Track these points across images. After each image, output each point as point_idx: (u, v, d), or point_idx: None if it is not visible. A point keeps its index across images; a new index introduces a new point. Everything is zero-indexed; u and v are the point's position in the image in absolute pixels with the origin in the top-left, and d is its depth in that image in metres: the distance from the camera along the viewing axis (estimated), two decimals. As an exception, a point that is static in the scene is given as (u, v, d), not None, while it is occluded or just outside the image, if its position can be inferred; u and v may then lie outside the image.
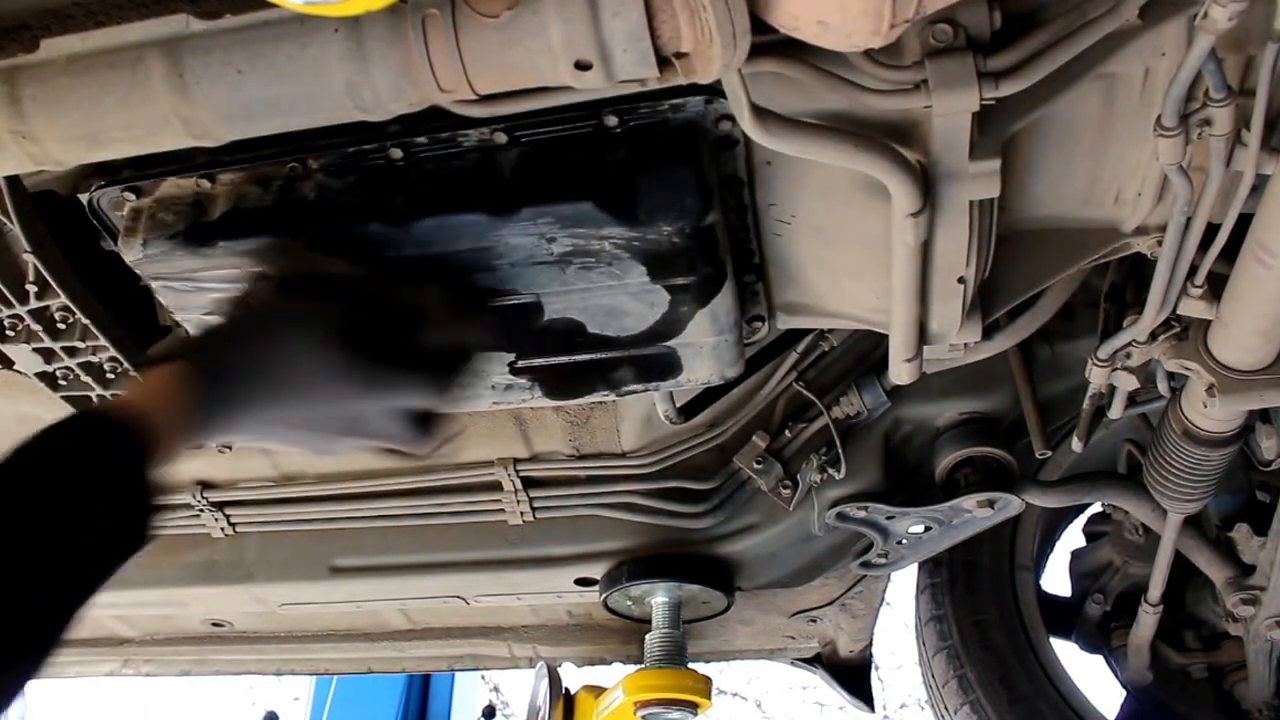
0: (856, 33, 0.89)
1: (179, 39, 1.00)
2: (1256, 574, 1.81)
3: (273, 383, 1.07)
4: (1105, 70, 1.10)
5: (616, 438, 1.88)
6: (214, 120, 1.03)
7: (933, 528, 1.85)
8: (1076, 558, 2.31)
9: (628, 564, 1.98)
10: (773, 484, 1.86)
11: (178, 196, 1.25)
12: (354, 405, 1.11)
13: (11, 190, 1.28)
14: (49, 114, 1.03)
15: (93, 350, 1.47)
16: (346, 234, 1.18)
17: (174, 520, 2.00)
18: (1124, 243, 1.32)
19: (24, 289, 1.38)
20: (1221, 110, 1.05)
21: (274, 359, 1.08)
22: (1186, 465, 1.57)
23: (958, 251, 1.20)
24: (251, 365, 1.07)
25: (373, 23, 0.95)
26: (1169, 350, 1.41)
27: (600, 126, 1.17)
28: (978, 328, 1.35)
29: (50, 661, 0.90)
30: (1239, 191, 1.14)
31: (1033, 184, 1.27)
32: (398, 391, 1.13)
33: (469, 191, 1.18)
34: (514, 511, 1.97)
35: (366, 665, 2.53)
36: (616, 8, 0.89)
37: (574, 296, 1.26)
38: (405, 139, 1.20)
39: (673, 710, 2.01)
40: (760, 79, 1.04)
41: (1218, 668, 2.17)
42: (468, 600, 2.17)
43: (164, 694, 5.17)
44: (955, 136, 1.07)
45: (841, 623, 2.32)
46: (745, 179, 1.25)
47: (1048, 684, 2.13)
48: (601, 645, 2.36)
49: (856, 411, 1.82)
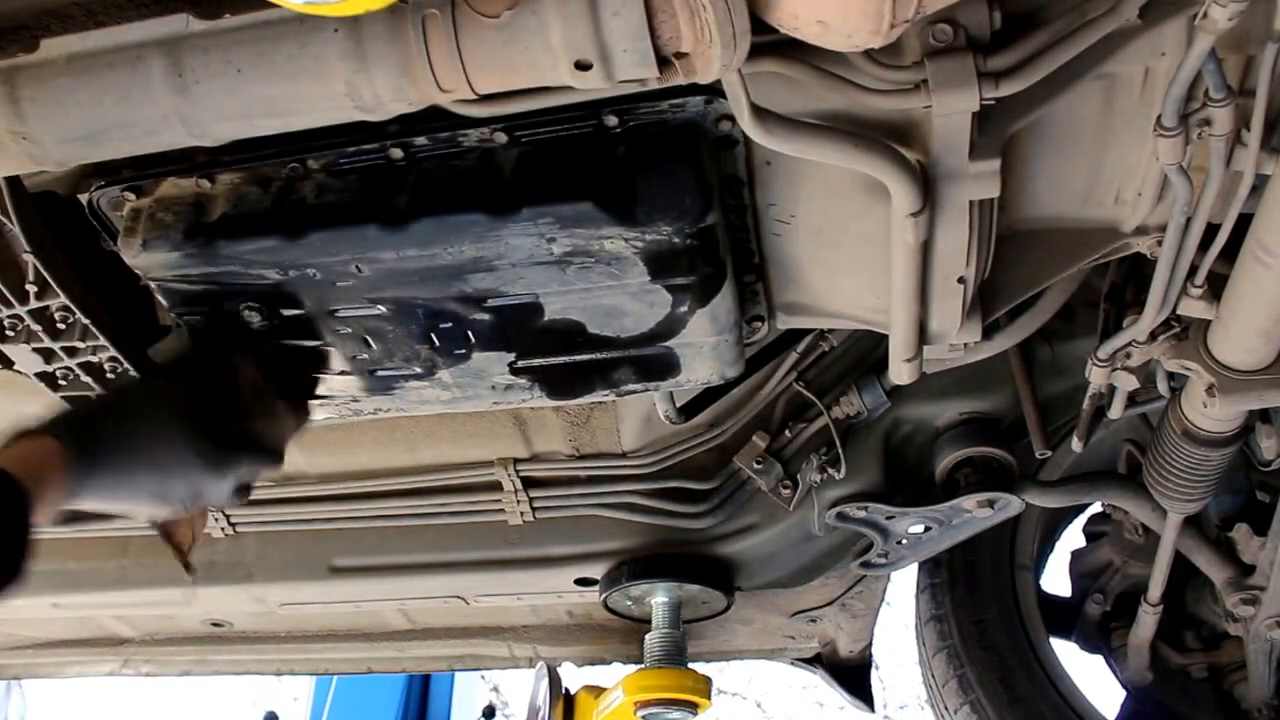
0: (857, 33, 0.89)
1: (179, 39, 1.00)
2: (1256, 574, 1.81)
3: (131, 459, 1.20)
4: (1105, 70, 1.10)
5: (616, 438, 1.88)
6: (214, 120, 1.03)
7: (933, 528, 1.85)
8: (1076, 558, 2.31)
9: (628, 564, 1.98)
10: (773, 484, 1.85)
11: (178, 196, 1.25)
12: (194, 478, 1.24)
13: (11, 190, 1.27)
14: (49, 114, 1.03)
15: (93, 350, 1.47)
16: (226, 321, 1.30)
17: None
18: (1124, 243, 1.32)
19: (24, 289, 1.38)
20: (1221, 110, 1.05)
21: (134, 437, 1.21)
22: (1186, 465, 1.57)
23: (958, 251, 1.20)
24: (114, 444, 1.19)
25: (373, 23, 0.95)
26: (1169, 350, 1.41)
27: (600, 126, 1.17)
28: (978, 328, 1.35)
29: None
30: (1239, 191, 1.14)
31: (1033, 184, 1.27)
32: (233, 467, 1.27)
33: (469, 191, 1.18)
34: (514, 511, 1.97)
35: (366, 665, 2.53)
36: (616, 8, 0.89)
37: (574, 296, 1.26)
38: (405, 139, 1.20)
39: (673, 710, 2.01)
40: (760, 79, 1.04)
41: (1218, 668, 2.17)
42: (468, 600, 2.17)
43: (164, 694, 5.17)
44: (955, 136, 1.07)
45: (841, 623, 2.32)
46: (745, 179, 1.25)
47: (1048, 684, 2.13)
48: (601, 645, 2.36)
49: (856, 411, 1.82)
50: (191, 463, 1.23)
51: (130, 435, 1.21)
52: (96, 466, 1.17)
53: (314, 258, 1.21)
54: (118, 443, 1.20)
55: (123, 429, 1.22)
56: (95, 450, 1.17)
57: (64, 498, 1.15)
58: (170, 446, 1.22)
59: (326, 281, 1.24)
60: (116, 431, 1.21)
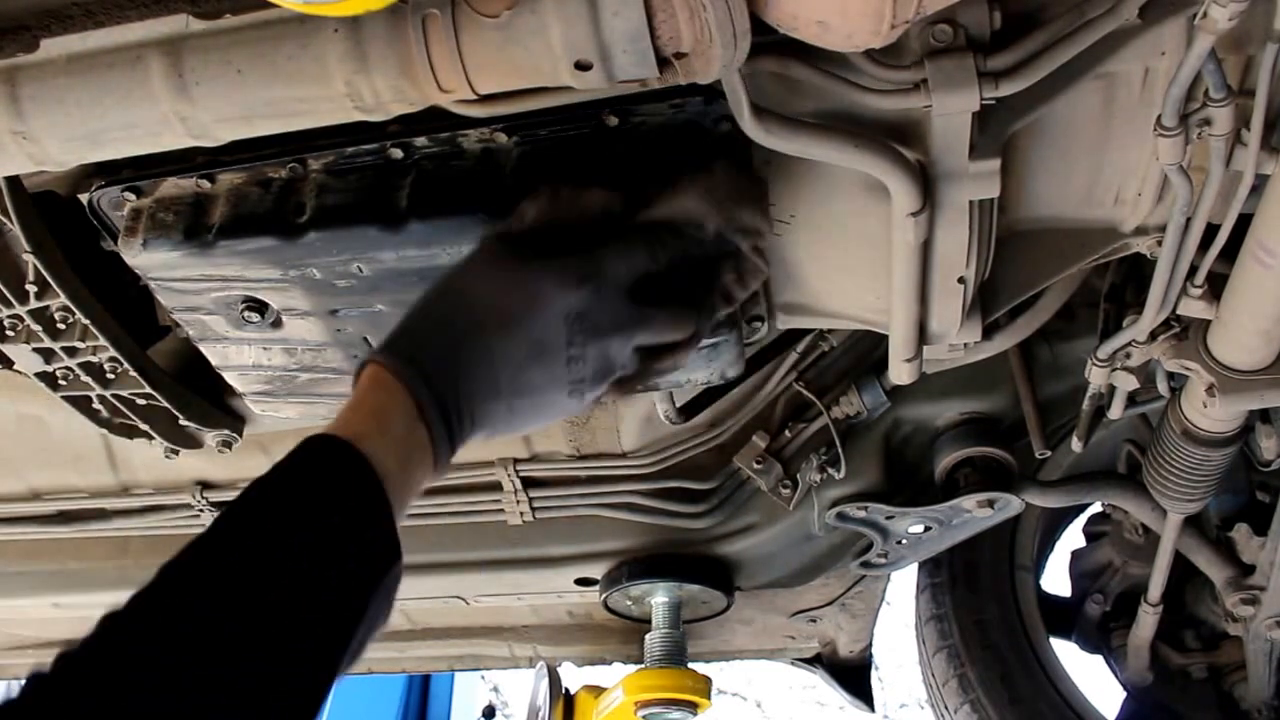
0: (857, 33, 0.89)
1: (179, 39, 1.00)
2: (1256, 574, 1.81)
3: (515, 340, 0.99)
4: (1105, 70, 1.10)
5: (616, 438, 1.88)
6: (214, 120, 1.03)
7: (933, 528, 1.85)
8: (1076, 558, 2.31)
9: (628, 564, 1.98)
10: (773, 484, 1.85)
11: (178, 197, 1.25)
12: (607, 341, 1.03)
13: (11, 190, 1.27)
14: (49, 114, 1.03)
15: (93, 350, 1.47)
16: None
17: (174, 520, 2.00)
18: (1124, 243, 1.32)
19: (24, 289, 1.38)
20: (1221, 110, 1.05)
21: (515, 310, 0.99)
22: (1186, 465, 1.57)
23: (958, 251, 1.20)
24: (480, 328, 0.98)
25: (373, 23, 0.95)
26: (1169, 350, 1.41)
27: (600, 126, 1.17)
28: (978, 328, 1.35)
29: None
30: (1239, 191, 1.14)
31: (1033, 184, 1.27)
32: (650, 324, 1.06)
33: (469, 192, 1.18)
34: (514, 511, 1.97)
35: (366, 665, 2.53)
36: (616, 8, 0.89)
37: (574, 296, 1.26)
38: (405, 139, 1.20)
39: (673, 710, 2.01)
40: (760, 79, 1.04)
41: (1218, 668, 2.17)
42: (468, 600, 2.17)
43: (164, 694, 5.16)
44: (955, 136, 1.07)
45: (841, 623, 2.32)
46: (745, 179, 1.25)
47: (1048, 684, 2.13)
48: (601, 645, 2.36)
49: (856, 411, 1.82)
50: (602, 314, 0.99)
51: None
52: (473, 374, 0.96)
53: (314, 258, 1.21)
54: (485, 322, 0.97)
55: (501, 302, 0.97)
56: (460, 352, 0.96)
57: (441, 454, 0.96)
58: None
59: (326, 281, 1.24)
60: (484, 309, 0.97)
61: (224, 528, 0.89)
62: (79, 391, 1.54)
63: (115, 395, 1.55)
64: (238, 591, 0.83)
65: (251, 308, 1.29)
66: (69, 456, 1.92)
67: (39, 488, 2.00)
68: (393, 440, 0.94)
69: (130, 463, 1.95)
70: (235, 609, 0.82)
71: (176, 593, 0.84)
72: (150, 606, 0.83)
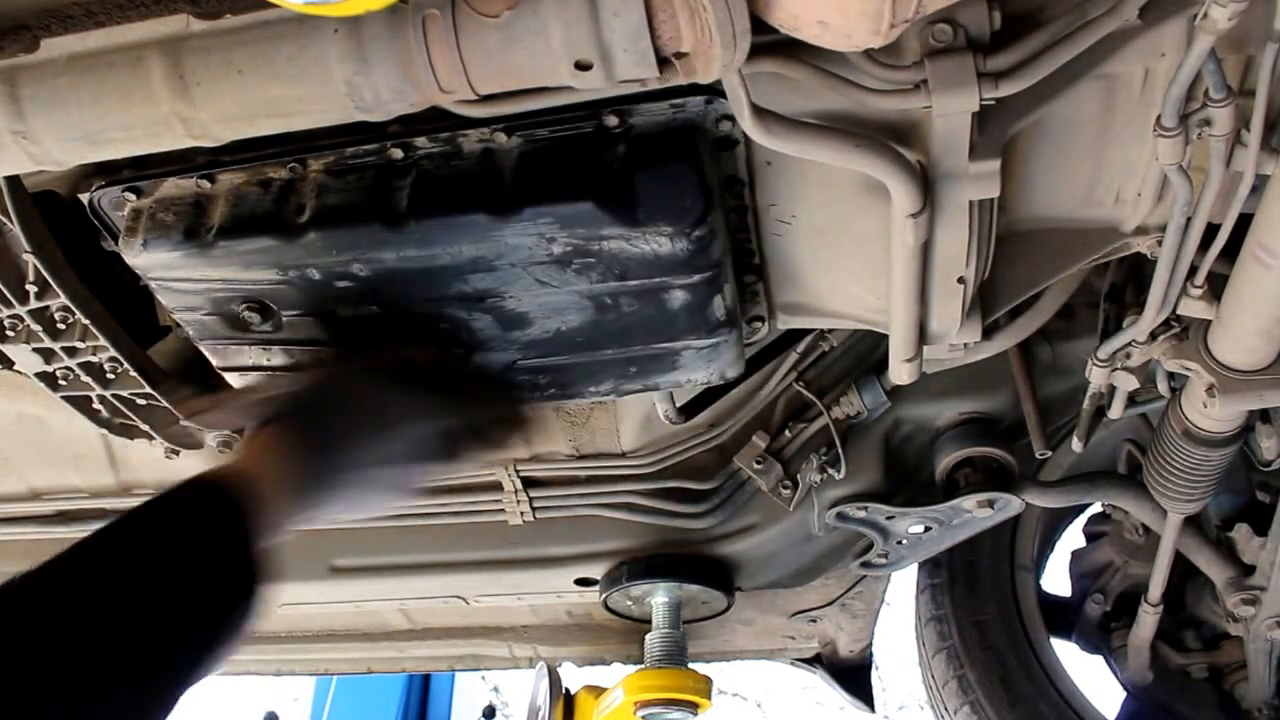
0: (856, 33, 0.89)
1: (179, 39, 1.00)
2: (1256, 574, 1.81)
3: (369, 427, 1.20)
4: (1105, 70, 1.10)
5: (616, 438, 1.87)
6: (214, 120, 1.03)
7: (933, 528, 1.85)
8: (1076, 558, 2.31)
9: (628, 564, 1.98)
10: (773, 484, 1.85)
11: (178, 197, 1.25)
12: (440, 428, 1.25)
13: (11, 190, 1.27)
14: (49, 114, 1.03)
15: (93, 350, 1.47)
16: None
17: (174, 520, 2.00)
18: (1124, 243, 1.32)
19: (24, 289, 1.38)
20: (1221, 110, 1.05)
21: (367, 409, 1.21)
22: (1186, 465, 1.57)
23: (958, 252, 1.20)
24: (345, 422, 1.19)
25: (373, 23, 0.95)
26: (1169, 350, 1.41)
27: (600, 126, 1.17)
28: (978, 328, 1.35)
29: None
30: (1239, 191, 1.14)
31: (1033, 184, 1.27)
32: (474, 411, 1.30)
33: (469, 192, 1.18)
34: (514, 511, 1.97)
35: (366, 665, 2.53)
36: (617, 8, 0.89)
37: (574, 297, 1.26)
38: (405, 139, 1.20)
39: (673, 710, 2.01)
40: (760, 79, 1.04)
41: (1218, 668, 2.17)
42: (468, 600, 2.17)
43: (164, 694, 5.16)
44: (955, 137, 1.07)
45: (841, 623, 2.32)
46: (745, 179, 1.25)
47: (1048, 684, 2.13)
48: (601, 645, 2.36)
49: (856, 412, 1.82)
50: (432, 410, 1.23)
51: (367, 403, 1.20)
52: (335, 453, 1.16)
53: (314, 258, 1.21)
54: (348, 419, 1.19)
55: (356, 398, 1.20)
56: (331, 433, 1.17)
57: (306, 499, 1.13)
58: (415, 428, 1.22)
59: (326, 282, 1.24)
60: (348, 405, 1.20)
61: (82, 543, 1.00)
62: (79, 391, 1.54)
63: (115, 395, 1.55)
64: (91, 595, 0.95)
65: (251, 308, 1.29)
66: (69, 456, 1.92)
67: (39, 488, 2.00)
68: (267, 484, 1.09)
69: (130, 463, 1.94)
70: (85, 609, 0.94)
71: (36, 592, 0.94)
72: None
